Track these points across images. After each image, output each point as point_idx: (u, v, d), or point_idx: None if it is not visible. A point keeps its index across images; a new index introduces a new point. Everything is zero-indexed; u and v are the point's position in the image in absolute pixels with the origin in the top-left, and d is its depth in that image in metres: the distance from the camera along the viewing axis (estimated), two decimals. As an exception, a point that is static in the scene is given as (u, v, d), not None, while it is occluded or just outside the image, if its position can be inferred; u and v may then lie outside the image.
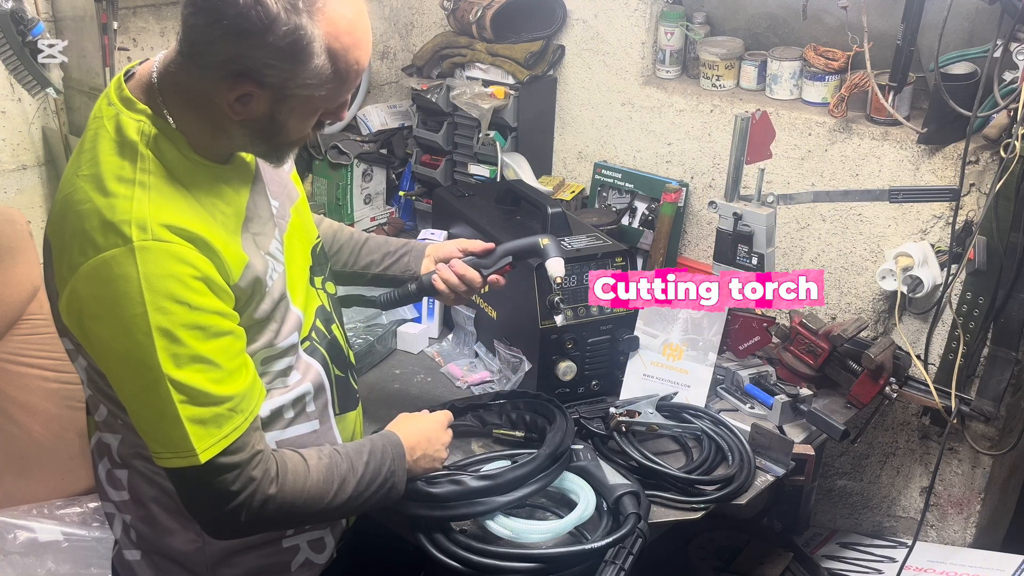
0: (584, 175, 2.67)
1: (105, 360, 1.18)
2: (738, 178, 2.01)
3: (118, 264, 1.11)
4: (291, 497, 1.26)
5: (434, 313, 2.21)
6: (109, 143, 1.17)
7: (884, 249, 2.22)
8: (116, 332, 1.13)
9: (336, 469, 1.32)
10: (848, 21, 2.09)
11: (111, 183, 1.14)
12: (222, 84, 1.14)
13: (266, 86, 1.14)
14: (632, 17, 2.48)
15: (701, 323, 1.95)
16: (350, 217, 2.70)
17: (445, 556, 1.49)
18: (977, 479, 2.27)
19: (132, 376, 1.15)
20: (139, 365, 1.13)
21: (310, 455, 1.31)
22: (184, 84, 1.18)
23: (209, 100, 1.17)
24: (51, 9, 2.17)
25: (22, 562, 2.05)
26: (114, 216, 1.12)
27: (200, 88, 1.16)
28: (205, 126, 1.20)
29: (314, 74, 1.15)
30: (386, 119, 2.81)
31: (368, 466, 1.36)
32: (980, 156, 2.04)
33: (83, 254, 1.13)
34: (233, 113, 1.17)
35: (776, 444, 1.76)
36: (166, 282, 1.12)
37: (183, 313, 1.13)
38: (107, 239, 1.12)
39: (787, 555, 2.23)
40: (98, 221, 1.12)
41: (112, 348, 1.15)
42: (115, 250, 1.11)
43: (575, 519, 1.53)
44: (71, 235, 1.15)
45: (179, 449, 1.17)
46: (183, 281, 1.13)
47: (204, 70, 1.14)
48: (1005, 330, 2.04)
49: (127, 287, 1.11)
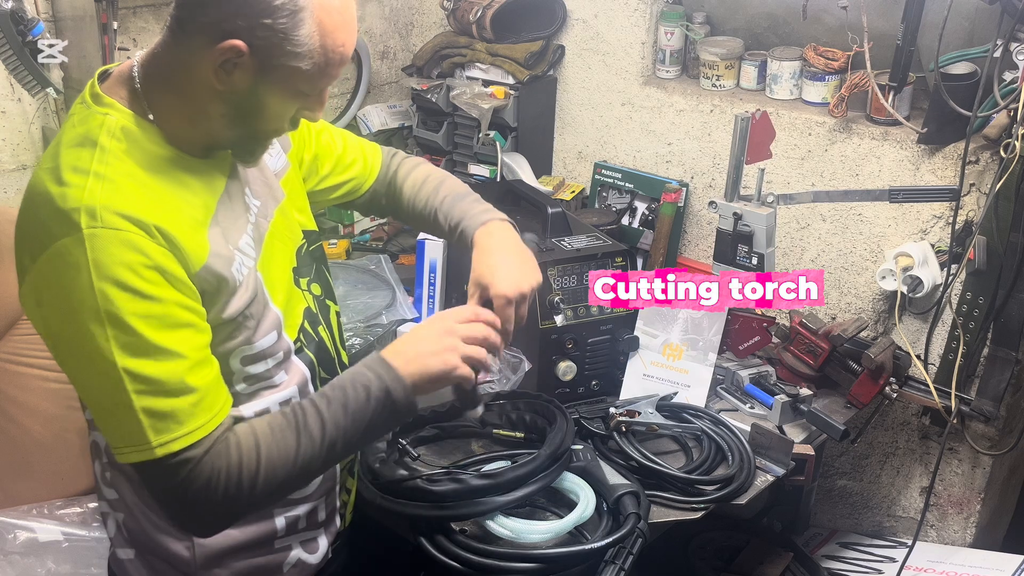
0: (584, 175, 2.67)
1: (59, 352, 1.18)
2: (738, 178, 2.01)
3: (68, 252, 1.11)
4: (249, 478, 1.19)
5: (434, 313, 2.21)
6: (71, 137, 1.18)
7: (884, 249, 2.22)
8: (67, 321, 1.12)
9: (296, 424, 1.22)
10: (848, 21, 2.09)
11: (67, 174, 1.14)
12: (209, 49, 1.13)
13: (254, 49, 1.13)
14: (632, 17, 2.48)
15: (701, 323, 1.95)
16: (350, 217, 2.70)
17: (445, 556, 1.49)
18: (977, 479, 2.27)
19: (85, 367, 1.14)
20: (92, 354, 1.12)
21: (260, 425, 1.22)
22: (166, 64, 1.18)
23: (191, 75, 1.16)
24: (51, 9, 2.17)
25: (22, 562, 2.05)
26: (65, 204, 1.12)
27: (183, 63, 1.16)
28: (184, 109, 1.19)
29: (302, 42, 1.14)
30: (386, 119, 2.81)
31: (337, 400, 1.24)
32: (980, 156, 2.04)
33: (39, 244, 1.13)
34: (217, 81, 1.15)
35: (776, 444, 1.76)
36: (115, 269, 1.11)
37: (133, 302, 1.11)
38: (59, 228, 1.11)
39: (787, 555, 2.23)
40: (51, 210, 1.13)
41: (65, 338, 1.15)
42: (66, 239, 1.11)
43: (575, 519, 1.53)
44: (29, 226, 1.16)
45: (134, 442, 1.14)
46: (134, 269, 1.11)
47: (191, 36, 1.14)
48: (1005, 330, 2.04)
49: (77, 275, 1.10)
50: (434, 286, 2.20)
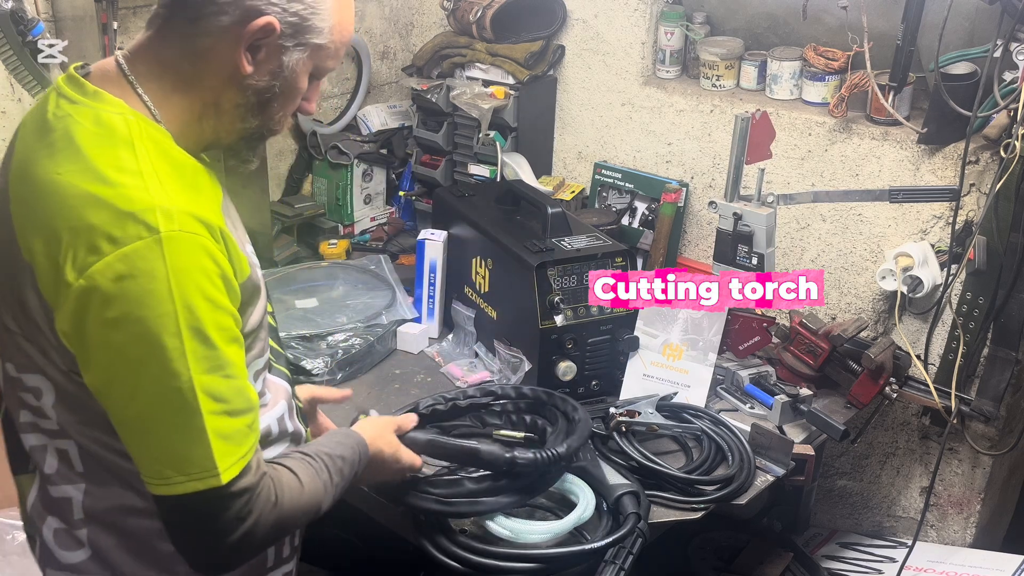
0: (584, 175, 2.67)
1: (114, 374, 1.04)
2: (738, 178, 2.01)
3: (142, 258, 1.00)
4: (288, 516, 1.15)
5: (434, 313, 2.21)
6: (90, 137, 1.06)
7: (884, 249, 2.22)
8: (137, 336, 1.01)
9: (320, 477, 1.23)
10: (848, 21, 2.09)
11: (112, 173, 1.03)
12: (232, 32, 1.08)
13: (284, 25, 1.10)
14: (632, 17, 2.48)
15: (701, 323, 1.95)
16: (350, 217, 2.70)
17: (445, 556, 1.49)
18: (977, 479, 2.27)
19: (151, 387, 1.02)
20: (163, 373, 1.01)
21: (297, 467, 1.21)
22: (171, 62, 1.11)
23: (206, 66, 1.10)
24: (51, 9, 2.16)
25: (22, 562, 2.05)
26: (132, 205, 1.01)
27: (195, 54, 1.10)
28: (193, 107, 1.13)
29: (326, 18, 1.13)
30: (386, 119, 2.81)
31: (342, 473, 1.27)
32: (980, 156, 2.04)
33: (94, 251, 1.00)
34: (245, 65, 1.10)
35: (776, 444, 1.76)
36: (196, 276, 1.02)
37: (212, 312, 1.04)
38: (127, 231, 1.00)
39: (787, 555, 2.23)
40: (110, 213, 1.00)
41: (129, 356, 1.02)
42: (138, 243, 1.00)
43: (575, 519, 1.53)
44: (70, 234, 1.01)
45: (199, 469, 1.04)
46: (210, 277, 1.04)
47: (207, 22, 1.08)
48: (1005, 330, 2.04)
49: (154, 284, 1.00)
50: (434, 286, 2.20)
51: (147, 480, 1.07)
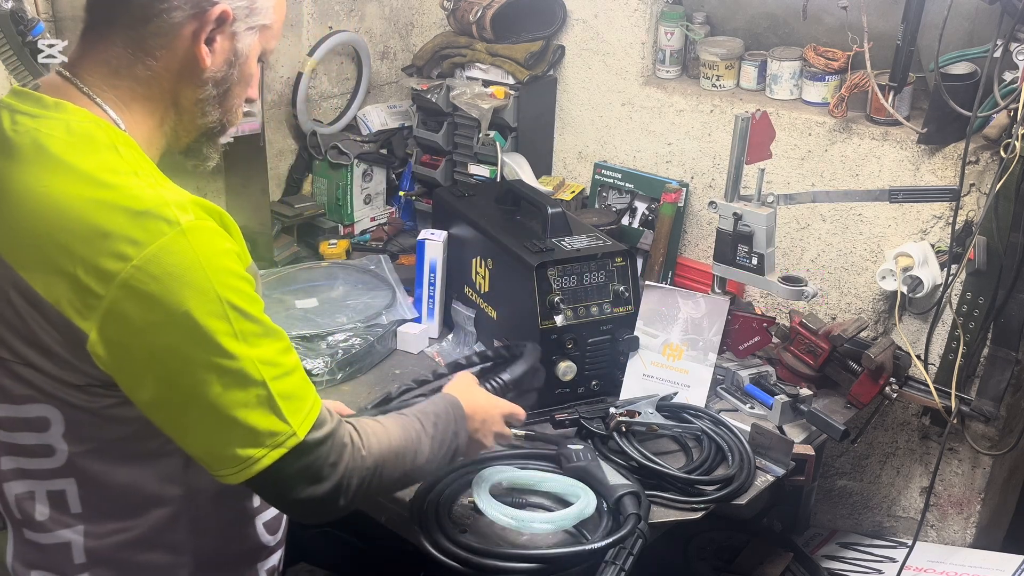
0: (584, 175, 2.67)
1: (172, 379, 1.02)
2: (738, 178, 2.01)
3: (172, 253, 0.99)
4: (382, 457, 1.17)
5: (434, 313, 2.21)
6: (67, 147, 1.03)
7: (884, 249, 2.22)
8: (188, 331, 1.00)
9: (411, 427, 1.25)
10: (848, 21, 2.09)
11: (108, 176, 1.01)
12: (188, 27, 1.07)
13: (235, 10, 1.10)
14: (632, 17, 2.48)
15: (701, 323, 1.95)
16: (350, 217, 2.70)
17: (445, 556, 1.49)
18: (977, 479, 2.27)
19: (213, 376, 1.02)
20: (222, 357, 1.01)
21: (380, 418, 1.24)
22: (123, 69, 1.09)
23: (160, 69, 1.09)
24: (51, 9, 2.16)
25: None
26: (143, 204, 0.99)
27: (148, 60, 1.08)
28: (154, 112, 1.12)
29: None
30: (386, 119, 2.81)
31: (436, 426, 1.30)
32: (980, 156, 2.04)
33: (120, 258, 0.98)
34: (204, 58, 1.09)
35: (776, 444, 1.76)
36: (223, 259, 1.03)
37: (244, 287, 1.05)
38: (147, 230, 0.99)
39: (787, 555, 2.23)
40: (124, 216, 0.99)
41: (184, 354, 1.01)
42: (163, 239, 0.99)
43: (577, 512, 1.53)
44: (84, 246, 0.98)
45: (277, 435, 1.05)
46: (232, 256, 1.05)
47: (157, 23, 1.07)
48: (1005, 330, 2.04)
49: (191, 275, 0.99)
50: (434, 286, 2.20)
51: (225, 474, 1.07)
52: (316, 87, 2.70)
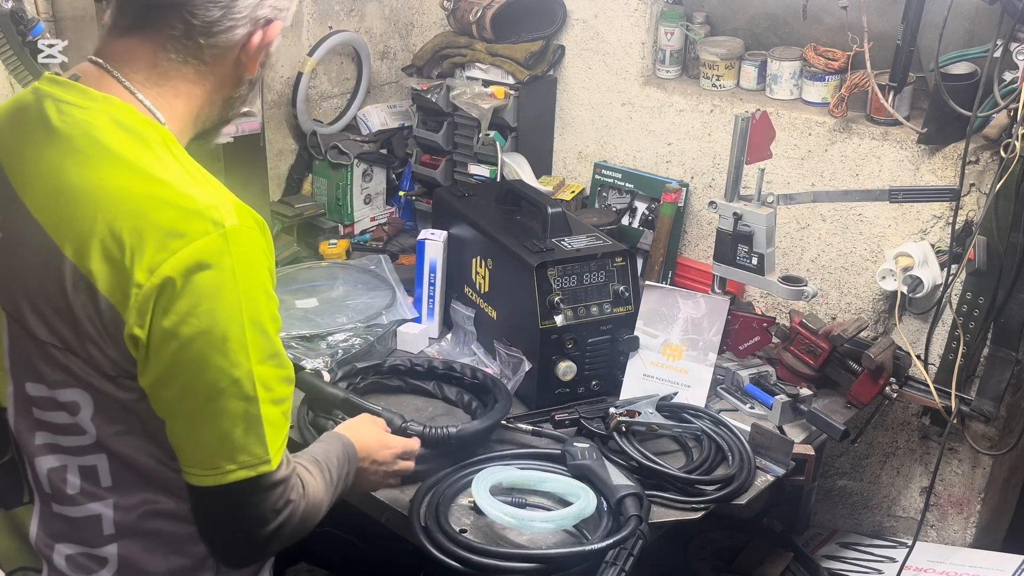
0: (584, 175, 2.67)
1: (174, 368, 1.05)
2: (738, 178, 2.01)
3: (210, 252, 1.03)
4: (309, 512, 1.19)
5: (434, 313, 2.21)
6: (121, 141, 1.07)
7: (884, 249, 2.22)
8: (205, 328, 1.03)
9: (323, 475, 1.26)
10: (848, 21, 2.09)
11: (161, 173, 1.05)
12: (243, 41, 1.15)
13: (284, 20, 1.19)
14: (632, 17, 2.48)
15: (701, 323, 1.95)
16: (350, 217, 2.70)
17: (445, 556, 1.49)
18: (977, 479, 2.27)
19: (212, 377, 1.05)
20: (226, 362, 1.04)
21: (308, 463, 1.24)
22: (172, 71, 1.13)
23: (208, 74, 1.15)
24: (51, 9, 2.16)
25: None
26: (194, 203, 1.04)
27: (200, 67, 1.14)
28: (191, 109, 1.17)
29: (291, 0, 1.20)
30: (386, 119, 2.81)
31: (339, 470, 1.32)
32: (980, 156, 2.04)
33: (164, 249, 1.02)
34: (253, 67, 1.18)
35: (776, 444, 1.76)
36: (256, 269, 1.07)
37: (268, 303, 1.08)
38: (194, 226, 1.03)
39: (787, 555, 2.23)
40: (175, 212, 1.03)
41: (194, 348, 1.04)
42: (206, 237, 1.03)
43: (577, 511, 1.53)
44: (134, 236, 1.02)
45: (251, 457, 1.07)
46: (265, 269, 1.09)
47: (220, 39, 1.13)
48: (1005, 330, 2.04)
49: (222, 276, 1.03)
50: (434, 286, 2.20)
51: (192, 472, 1.09)
52: (316, 87, 2.70)
